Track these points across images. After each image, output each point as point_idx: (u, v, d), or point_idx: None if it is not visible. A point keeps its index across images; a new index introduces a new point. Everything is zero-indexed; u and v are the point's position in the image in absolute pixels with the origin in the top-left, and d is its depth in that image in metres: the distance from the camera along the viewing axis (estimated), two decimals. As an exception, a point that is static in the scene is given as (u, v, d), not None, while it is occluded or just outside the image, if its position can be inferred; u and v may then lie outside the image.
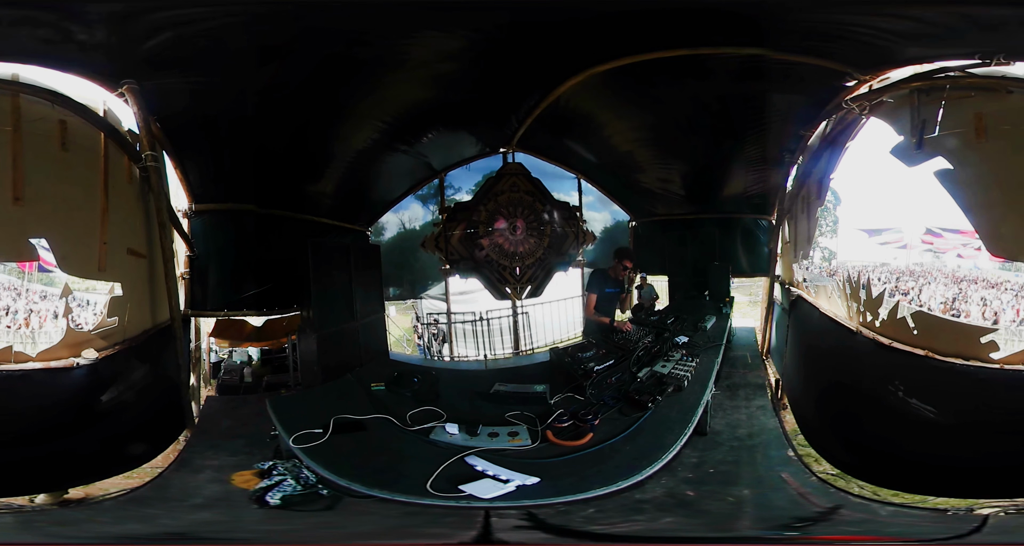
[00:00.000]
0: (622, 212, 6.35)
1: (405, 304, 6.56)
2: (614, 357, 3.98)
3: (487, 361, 5.91)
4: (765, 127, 4.53)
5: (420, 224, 5.95)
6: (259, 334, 5.12)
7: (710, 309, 5.22)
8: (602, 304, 4.67)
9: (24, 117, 3.17)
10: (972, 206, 3.21)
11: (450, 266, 5.73)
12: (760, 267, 5.68)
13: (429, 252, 5.72)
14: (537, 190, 5.77)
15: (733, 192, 5.61)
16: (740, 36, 3.56)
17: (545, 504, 2.67)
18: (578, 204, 6.12)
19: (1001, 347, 2.96)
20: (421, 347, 6.26)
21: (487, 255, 5.69)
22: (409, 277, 6.17)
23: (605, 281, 4.67)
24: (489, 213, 5.66)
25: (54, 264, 3.36)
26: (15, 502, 2.98)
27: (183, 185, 4.23)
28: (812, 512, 2.85)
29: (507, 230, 5.70)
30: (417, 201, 5.96)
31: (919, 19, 3.01)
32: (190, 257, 4.32)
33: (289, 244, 4.42)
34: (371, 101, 4.37)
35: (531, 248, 5.81)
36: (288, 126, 4.15)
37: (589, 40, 3.83)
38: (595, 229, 6.23)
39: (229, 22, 3.10)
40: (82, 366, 3.22)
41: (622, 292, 4.74)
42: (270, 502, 2.88)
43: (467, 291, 6.16)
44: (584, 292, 4.88)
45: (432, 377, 4.13)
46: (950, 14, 2.94)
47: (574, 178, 6.10)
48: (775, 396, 4.39)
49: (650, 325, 4.68)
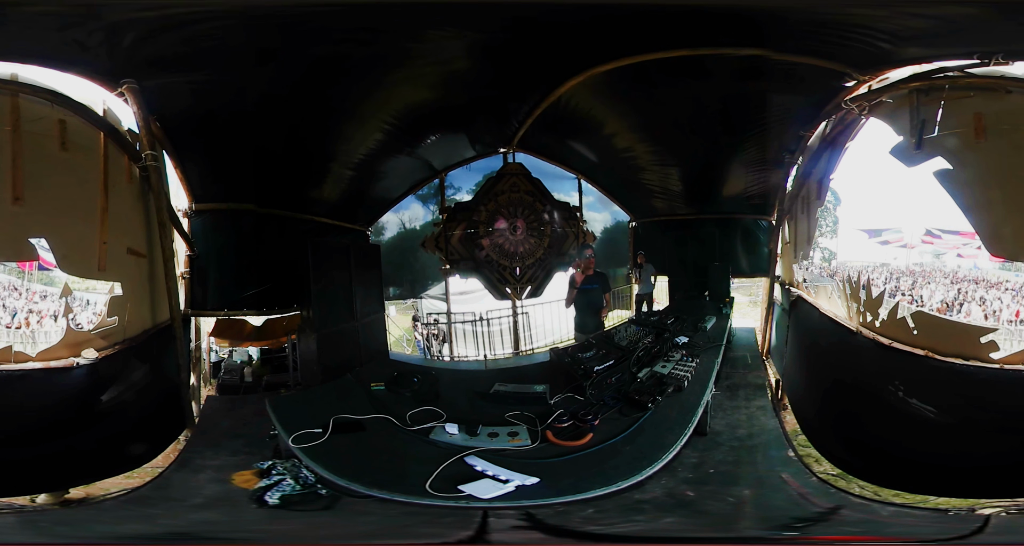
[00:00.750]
0: (622, 212, 6.35)
1: (405, 304, 6.56)
2: (614, 357, 3.98)
3: (487, 361, 5.91)
4: (765, 127, 4.54)
5: (420, 224, 5.96)
6: (259, 334, 5.12)
7: (710, 309, 5.22)
8: (581, 300, 4.74)
9: (24, 117, 3.17)
10: (972, 206, 3.20)
11: (450, 266, 5.73)
12: (760, 267, 5.68)
13: (429, 252, 5.73)
14: (537, 190, 5.78)
15: (733, 192, 5.61)
16: (740, 37, 3.56)
17: (544, 504, 2.67)
18: (578, 204, 6.13)
19: (1001, 347, 2.96)
20: (421, 347, 6.26)
21: (487, 255, 5.70)
22: (409, 277, 6.17)
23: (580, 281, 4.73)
24: (489, 213, 5.67)
25: (54, 264, 3.35)
26: (16, 502, 2.98)
27: (183, 185, 4.23)
28: (812, 512, 2.85)
29: (507, 230, 5.70)
30: (417, 201, 5.97)
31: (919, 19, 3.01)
32: (190, 257, 4.32)
33: (289, 244, 4.42)
34: (371, 101, 4.37)
35: (531, 248, 5.81)
36: (288, 126, 4.15)
37: (589, 40, 3.84)
38: (595, 229, 6.23)
39: (229, 22, 3.10)
40: (82, 366, 3.22)
41: (599, 286, 4.77)
42: (269, 502, 2.88)
43: (467, 291, 6.16)
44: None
45: (432, 377, 4.13)
46: (950, 14, 2.94)
47: (574, 178, 6.11)
48: (775, 396, 4.39)
49: (650, 325, 4.68)
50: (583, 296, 4.77)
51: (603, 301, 4.85)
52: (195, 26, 3.08)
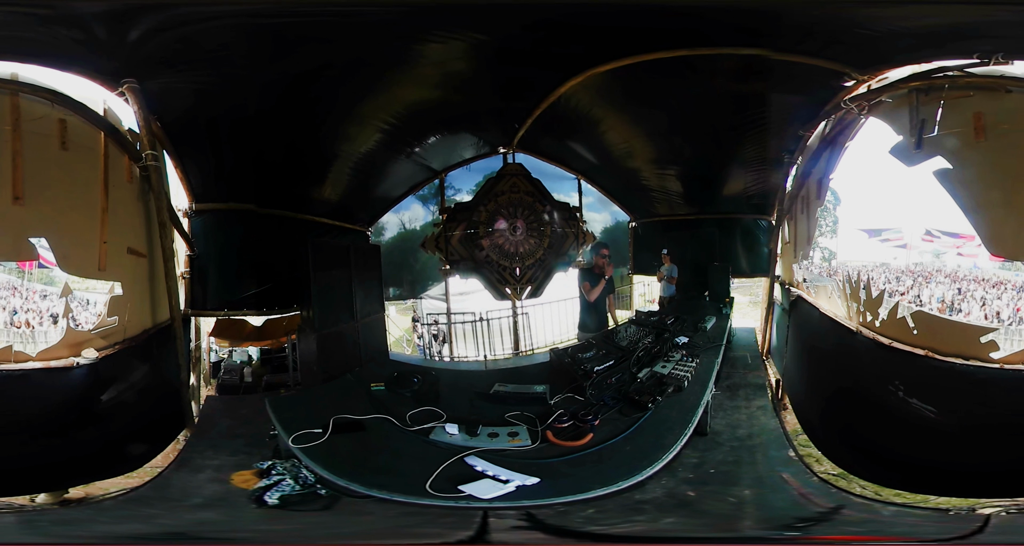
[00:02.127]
0: (622, 212, 6.34)
1: (405, 304, 6.56)
2: (614, 357, 3.98)
3: (487, 361, 5.90)
4: (765, 127, 4.54)
5: (420, 224, 5.96)
6: (259, 334, 5.11)
7: (710, 309, 5.21)
8: (583, 300, 4.90)
9: (24, 116, 3.17)
10: (972, 206, 3.20)
11: (450, 266, 5.73)
12: (760, 267, 5.67)
13: (429, 252, 5.72)
14: (537, 191, 5.77)
15: (733, 192, 5.61)
16: (740, 37, 3.56)
17: (545, 504, 2.67)
18: (578, 205, 6.12)
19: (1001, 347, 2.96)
20: (421, 347, 6.26)
21: (487, 255, 5.69)
22: (409, 277, 6.17)
23: (595, 278, 4.87)
24: (489, 213, 5.66)
25: (54, 263, 3.35)
26: (16, 502, 2.98)
27: (183, 184, 4.23)
28: (813, 512, 2.84)
29: (507, 230, 5.70)
30: (417, 201, 5.96)
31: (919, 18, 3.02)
32: (190, 256, 4.31)
33: (289, 244, 4.42)
34: (371, 101, 4.37)
35: (531, 248, 5.80)
36: (288, 125, 4.15)
37: (589, 40, 3.84)
38: (595, 229, 6.23)
39: (230, 21, 3.10)
40: (82, 366, 3.22)
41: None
42: (269, 502, 2.88)
43: (467, 291, 6.16)
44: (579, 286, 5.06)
45: (432, 377, 4.13)
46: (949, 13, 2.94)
47: (574, 179, 6.10)
48: (775, 396, 4.39)
49: (650, 325, 4.68)
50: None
51: (607, 302, 4.98)
52: (196, 26, 3.08)
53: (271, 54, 3.44)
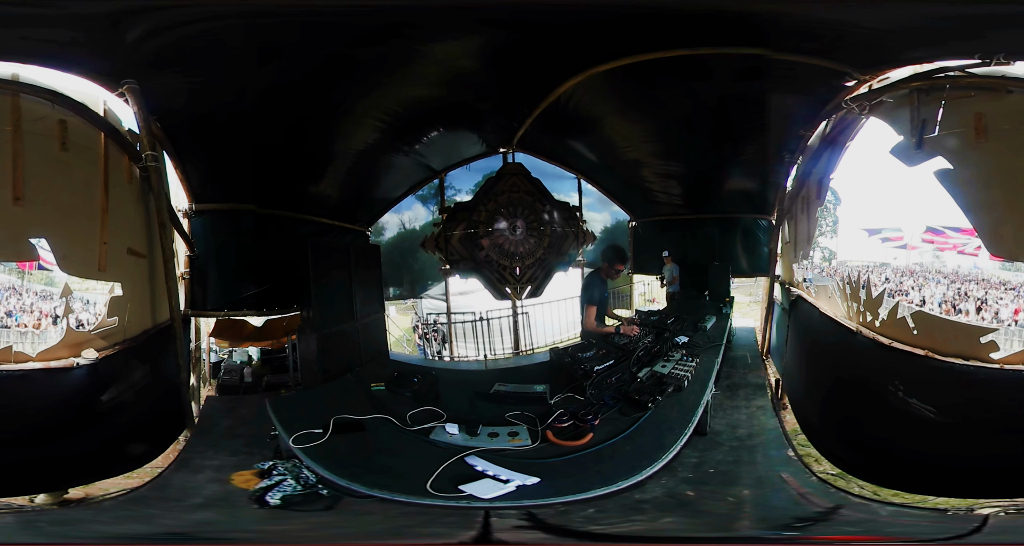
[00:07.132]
0: (622, 212, 6.35)
1: (405, 304, 6.57)
2: (614, 357, 3.98)
3: (487, 361, 5.91)
4: (765, 127, 4.53)
5: (420, 224, 5.96)
6: (259, 334, 5.12)
7: (710, 309, 5.21)
8: (600, 313, 4.48)
9: (24, 117, 3.16)
10: (972, 206, 3.20)
11: (450, 266, 5.73)
12: (760, 267, 5.68)
13: (429, 252, 5.72)
14: (537, 190, 5.77)
15: (733, 192, 5.61)
16: (740, 36, 3.56)
17: (545, 504, 2.67)
18: (578, 204, 6.12)
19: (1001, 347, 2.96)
20: (421, 347, 6.26)
21: (487, 255, 5.69)
22: (409, 277, 6.18)
23: (603, 287, 4.45)
24: (489, 213, 5.66)
25: (54, 264, 3.35)
26: (15, 502, 2.98)
27: (183, 185, 4.22)
28: (812, 512, 2.85)
29: (507, 230, 5.70)
30: (417, 201, 5.97)
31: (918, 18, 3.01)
32: (190, 257, 4.31)
33: (289, 244, 4.42)
34: (371, 101, 4.37)
35: (531, 248, 5.80)
36: (288, 126, 4.15)
37: (590, 40, 3.83)
38: (595, 229, 6.23)
39: (230, 21, 3.10)
40: (82, 366, 3.22)
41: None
42: (270, 502, 2.88)
43: (467, 291, 6.16)
44: (582, 301, 4.48)
45: (432, 377, 4.13)
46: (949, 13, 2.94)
47: (574, 178, 6.10)
48: (775, 396, 4.39)
49: (650, 325, 4.68)
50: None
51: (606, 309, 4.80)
52: (195, 26, 3.08)
53: (271, 54, 3.43)
